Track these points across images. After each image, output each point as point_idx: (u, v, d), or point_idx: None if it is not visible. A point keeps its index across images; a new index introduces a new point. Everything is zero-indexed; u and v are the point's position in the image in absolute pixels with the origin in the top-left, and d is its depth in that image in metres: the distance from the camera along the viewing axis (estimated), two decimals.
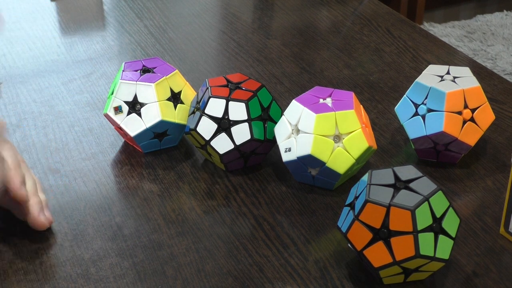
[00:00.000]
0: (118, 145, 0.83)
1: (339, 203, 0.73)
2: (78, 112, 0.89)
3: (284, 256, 0.67)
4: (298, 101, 0.73)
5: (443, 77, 0.78)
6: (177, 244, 0.68)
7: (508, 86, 0.94)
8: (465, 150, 0.77)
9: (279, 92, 0.93)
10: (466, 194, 0.75)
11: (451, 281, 0.64)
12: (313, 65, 1.01)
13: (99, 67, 1.00)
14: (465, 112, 0.75)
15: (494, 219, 0.71)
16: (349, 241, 0.61)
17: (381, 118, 0.88)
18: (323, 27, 1.13)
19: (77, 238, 0.69)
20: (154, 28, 1.11)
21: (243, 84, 0.77)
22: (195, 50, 1.06)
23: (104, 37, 1.09)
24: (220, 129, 0.74)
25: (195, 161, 0.80)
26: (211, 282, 0.64)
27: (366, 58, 1.03)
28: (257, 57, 1.03)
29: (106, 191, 0.76)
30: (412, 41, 1.07)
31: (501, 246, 0.68)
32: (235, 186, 0.76)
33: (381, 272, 0.61)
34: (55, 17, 1.16)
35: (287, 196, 0.75)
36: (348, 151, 0.71)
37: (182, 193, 0.75)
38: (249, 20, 1.16)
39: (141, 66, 0.81)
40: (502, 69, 2.22)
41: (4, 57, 1.03)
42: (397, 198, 0.59)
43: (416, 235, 0.58)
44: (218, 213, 0.72)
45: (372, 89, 0.94)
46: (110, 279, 0.64)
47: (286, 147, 0.73)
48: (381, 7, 1.19)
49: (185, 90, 0.81)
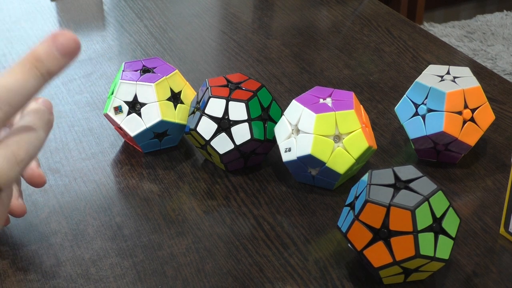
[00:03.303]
0: (118, 145, 0.83)
1: (339, 203, 0.73)
2: (78, 112, 0.89)
3: (284, 256, 0.67)
4: (298, 101, 0.73)
5: (443, 77, 0.78)
6: (177, 244, 0.68)
7: (508, 86, 0.94)
8: (465, 150, 0.77)
9: (279, 92, 0.93)
10: (466, 194, 0.75)
11: (451, 281, 0.64)
12: (313, 65, 1.01)
13: (99, 67, 1.00)
14: (465, 112, 0.75)
15: (494, 219, 0.71)
16: (349, 241, 0.61)
17: (381, 118, 0.88)
18: (323, 27, 1.13)
19: (77, 238, 0.69)
20: (154, 28, 1.11)
21: (243, 84, 0.77)
22: (195, 50, 1.06)
23: (104, 37, 1.09)
24: (220, 129, 0.74)
25: (195, 161, 0.80)
26: (211, 282, 0.64)
27: (366, 58, 1.03)
28: (257, 57, 1.03)
29: (106, 191, 0.76)
30: (412, 41, 1.07)
31: (501, 246, 0.68)
32: (235, 186, 0.76)
33: (381, 272, 0.61)
34: (55, 17, 1.16)
35: (287, 196, 0.75)
36: (348, 151, 0.71)
37: (182, 193, 0.75)
38: (249, 20, 1.16)
39: (141, 66, 0.81)
40: (502, 69, 2.22)
41: (4, 57, 1.03)
42: (397, 198, 0.59)
43: (416, 235, 0.58)
44: (218, 213, 0.72)
45: (372, 89, 0.94)
46: (110, 279, 0.64)
47: (286, 147, 0.73)
48: (381, 7, 1.19)
49: (185, 90, 0.81)
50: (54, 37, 0.38)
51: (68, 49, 0.38)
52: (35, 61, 0.38)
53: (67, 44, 0.38)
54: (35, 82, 0.38)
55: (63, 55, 0.38)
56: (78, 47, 0.38)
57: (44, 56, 0.38)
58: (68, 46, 0.38)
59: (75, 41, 0.38)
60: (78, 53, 0.38)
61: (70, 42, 0.38)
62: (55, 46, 0.38)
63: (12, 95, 0.38)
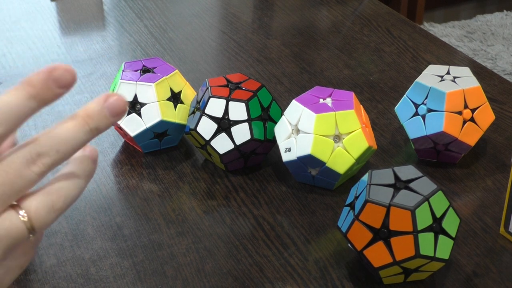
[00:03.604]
0: (118, 145, 0.83)
1: (339, 203, 0.73)
2: None
3: (284, 256, 0.67)
4: (298, 101, 0.73)
5: (443, 77, 0.78)
6: (177, 244, 0.68)
7: (508, 86, 0.94)
8: (465, 150, 0.77)
9: (279, 92, 0.93)
10: (466, 194, 0.75)
11: (451, 281, 0.64)
12: (313, 65, 1.01)
13: (99, 67, 1.00)
14: (465, 112, 0.75)
15: (494, 219, 0.71)
16: (349, 241, 0.61)
17: (381, 118, 0.88)
18: (323, 27, 1.13)
19: (77, 238, 0.69)
20: (154, 28, 1.11)
21: (243, 84, 0.77)
22: (195, 50, 1.06)
23: (104, 37, 1.09)
24: (220, 129, 0.74)
25: (195, 161, 0.80)
26: (211, 282, 0.64)
27: (366, 58, 1.03)
28: (257, 57, 1.03)
29: (106, 191, 0.76)
30: (412, 41, 1.07)
31: (501, 246, 0.68)
32: (235, 186, 0.76)
33: (381, 272, 0.61)
34: (55, 17, 1.16)
35: (287, 196, 0.75)
36: (348, 151, 0.71)
37: (182, 193, 0.75)
38: (249, 20, 1.16)
39: (141, 66, 0.81)
40: (502, 69, 2.22)
41: (4, 57, 1.03)
42: (397, 198, 0.59)
43: (416, 235, 0.58)
44: (218, 213, 0.72)
45: (372, 89, 0.94)
46: (110, 279, 0.64)
47: (286, 147, 0.73)
48: (381, 7, 1.19)
49: (185, 90, 0.81)
50: (105, 97, 0.41)
51: (116, 110, 0.42)
52: (87, 117, 0.42)
53: (116, 105, 0.42)
54: (84, 136, 0.42)
55: (112, 115, 0.42)
56: (125, 109, 0.42)
57: (95, 114, 0.42)
58: (117, 107, 0.42)
59: (123, 102, 0.42)
60: (124, 113, 0.42)
61: (119, 103, 0.42)
62: (105, 106, 0.42)
63: (63, 144, 0.42)
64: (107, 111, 0.41)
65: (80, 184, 0.43)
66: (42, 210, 0.42)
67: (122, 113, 0.41)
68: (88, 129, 0.41)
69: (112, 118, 0.41)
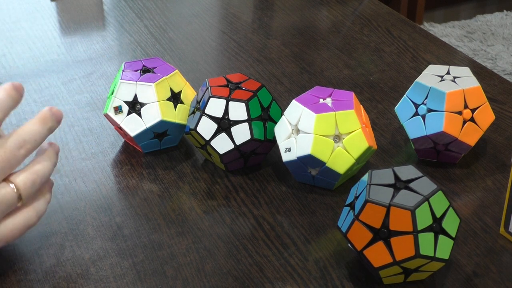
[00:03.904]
0: (118, 145, 0.83)
1: (339, 203, 0.73)
2: (78, 112, 0.89)
3: (284, 256, 0.67)
4: (298, 101, 0.73)
5: (443, 77, 0.78)
6: (177, 244, 0.68)
7: (508, 86, 0.94)
8: (465, 150, 0.77)
9: (279, 92, 0.93)
10: (466, 194, 0.75)
11: (451, 281, 0.64)
12: (313, 65, 1.01)
13: (99, 67, 1.00)
14: (465, 112, 0.75)
15: (494, 219, 0.71)
16: (349, 241, 0.61)
17: (381, 118, 0.88)
18: (323, 27, 1.13)
19: (77, 238, 0.69)
20: (154, 28, 1.11)
21: (243, 84, 0.77)
22: (195, 50, 1.06)
23: (104, 37, 1.09)
24: (220, 129, 0.74)
25: (195, 161, 0.80)
26: (211, 282, 0.64)
27: (366, 58, 1.03)
28: (257, 57, 1.03)
29: (106, 191, 0.76)
30: (412, 41, 1.07)
31: (501, 246, 0.68)
32: (235, 186, 0.76)
33: (381, 272, 0.61)
34: (55, 17, 1.16)
35: (287, 196, 0.75)
36: (348, 151, 0.71)
37: (182, 193, 0.75)
38: (249, 20, 1.16)
39: (141, 66, 0.81)
40: (502, 69, 2.22)
41: (4, 57, 1.03)
42: (397, 198, 0.59)
43: (416, 235, 0.58)
44: (218, 213, 0.72)
45: (372, 89, 0.94)
46: (110, 279, 0.64)
47: (286, 147, 0.73)
48: (381, 7, 1.19)
49: (185, 90, 0.81)
50: (50, 109, 0.65)
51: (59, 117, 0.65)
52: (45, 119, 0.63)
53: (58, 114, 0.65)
54: (47, 132, 0.62)
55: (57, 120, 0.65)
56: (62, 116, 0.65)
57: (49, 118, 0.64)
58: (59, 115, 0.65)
59: (60, 112, 0.65)
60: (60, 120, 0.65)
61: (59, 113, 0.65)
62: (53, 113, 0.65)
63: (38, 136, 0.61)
64: (54, 117, 0.62)
65: (50, 167, 0.62)
66: (27, 183, 0.60)
67: (61, 119, 0.62)
68: (48, 127, 0.61)
69: (57, 123, 0.62)
